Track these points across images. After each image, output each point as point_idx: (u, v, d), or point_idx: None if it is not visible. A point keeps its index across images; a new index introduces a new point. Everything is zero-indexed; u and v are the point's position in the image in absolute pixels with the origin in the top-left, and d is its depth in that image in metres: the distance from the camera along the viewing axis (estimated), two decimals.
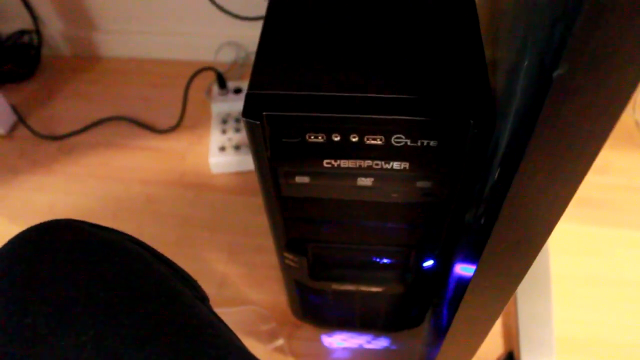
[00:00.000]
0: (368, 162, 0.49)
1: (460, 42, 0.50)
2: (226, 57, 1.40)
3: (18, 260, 0.36)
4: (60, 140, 1.28)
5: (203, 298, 0.43)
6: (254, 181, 0.55)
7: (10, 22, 1.42)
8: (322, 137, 0.47)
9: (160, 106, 1.33)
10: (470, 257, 0.47)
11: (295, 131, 0.47)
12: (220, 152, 1.17)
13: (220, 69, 1.28)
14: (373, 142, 0.47)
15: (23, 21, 1.40)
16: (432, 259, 0.64)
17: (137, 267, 0.38)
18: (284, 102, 0.46)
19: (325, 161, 0.49)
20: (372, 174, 0.51)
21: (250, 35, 1.31)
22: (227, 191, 1.16)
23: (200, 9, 1.29)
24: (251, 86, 0.47)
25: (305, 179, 0.52)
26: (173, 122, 1.28)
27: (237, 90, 1.27)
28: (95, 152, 1.25)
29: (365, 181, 0.52)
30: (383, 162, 0.49)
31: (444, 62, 0.48)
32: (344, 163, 0.49)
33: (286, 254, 0.67)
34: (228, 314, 0.97)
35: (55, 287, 0.34)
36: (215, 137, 1.20)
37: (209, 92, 1.32)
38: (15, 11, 1.38)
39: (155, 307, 0.36)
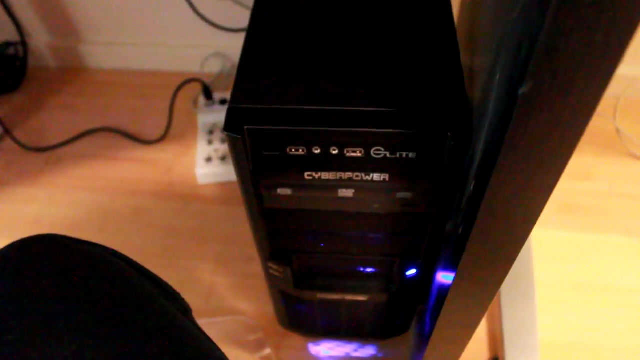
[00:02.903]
0: (348, 174, 0.50)
1: (438, 54, 0.51)
2: (212, 68, 1.41)
3: None
4: (47, 152, 1.28)
5: (186, 310, 0.44)
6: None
7: None
8: (303, 150, 0.47)
9: (147, 117, 1.34)
10: (451, 266, 0.47)
11: (276, 144, 0.47)
12: (206, 163, 1.17)
13: (207, 80, 1.28)
14: (353, 154, 0.47)
15: (8, 33, 1.40)
16: (415, 267, 0.65)
17: (118, 282, 0.38)
18: (265, 115, 0.47)
19: (306, 173, 0.50)
20: (352, 185, 0.51)
21: (236, 46, 1.32)
22: (213, 201, 1.16)
23: (186, 20, 1.30)
24: (233, 100, 0.48)
25: (287, 191, 0.53)
26: (159, 133, 1.29)
27: (223, 102, 1.27)
28: (82, 163, 1.25)
29: (346, 193, 0.52)
30: (363, 174, 0.49)
31: (422, 74, 0.49)
32: (325, 175, 0.50)
33: (271, 265, 0.67)
34: (215, 324, 0.97)
35: (37, 303, 0.35)
36: (202, 148, 1.20)
37: (195, 103, 1.32)
38: (0, 23, 1.38)
39: (136, 322, 0.36)
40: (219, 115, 1.25)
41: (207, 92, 1.25)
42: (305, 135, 0.46)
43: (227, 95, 1.29)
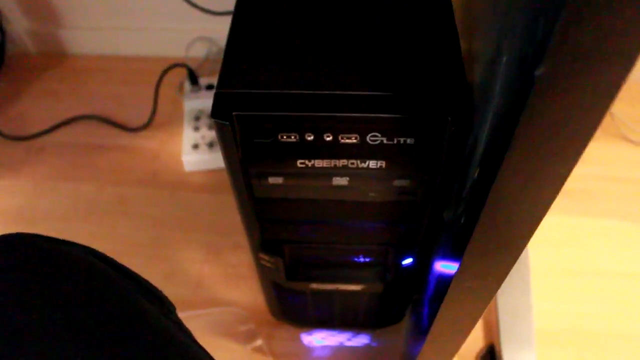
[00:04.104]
0: (343, 162, 0.47)
1: (436, 36, 0.49)
2: (197, 52, 1.37)
3: None
4: (28, 141, 1.24)
5: (169, 310, 0.41)
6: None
7: None
8: (295, 137, 0.45)
9: (131, 104, 1.30)
10: (451, 256, 0.46)
11: (267, 131, 0.45)
12: (193, 150, 1.15)
13: (192, 65, 1.25)
14: (348, 141, 0.45)
15: None
16: (411, 257, 0.63)
17: (97, 285, 0.36)
18: (255, 101, 0.44)
19: (299, 161, 0.48)
20: (347, 173, 0.49)
21: (222, 30, 1.28)
22: (201, 189, 1.13)
23: (170, 3, 1.27)
24: (220, 85, 0.45)
25: (278, 180, 0.51)
26: (144, 120, 1.25)
27: (210, 87, 1.24)
28: (65, 152, 1.22)
29: (340, 181, 0.50)
30: (359, 161, 0.47)
31: (420, 57, 0.47)
32: (319, 163, 0.48)
33: (261, 256, 0.65)
34: (205, 316, 0.95)
35: (5, 312, 0.32)
36: (188, 135, 1.18)
37: (180, 88, 1.29)
38: None
39: (116, 328, 0.34)
40: (205, 101, 1.22)
41: (193, 77, 1.22)
42: (298, 121, 0.44)
43: (214, 80, 1.25)
